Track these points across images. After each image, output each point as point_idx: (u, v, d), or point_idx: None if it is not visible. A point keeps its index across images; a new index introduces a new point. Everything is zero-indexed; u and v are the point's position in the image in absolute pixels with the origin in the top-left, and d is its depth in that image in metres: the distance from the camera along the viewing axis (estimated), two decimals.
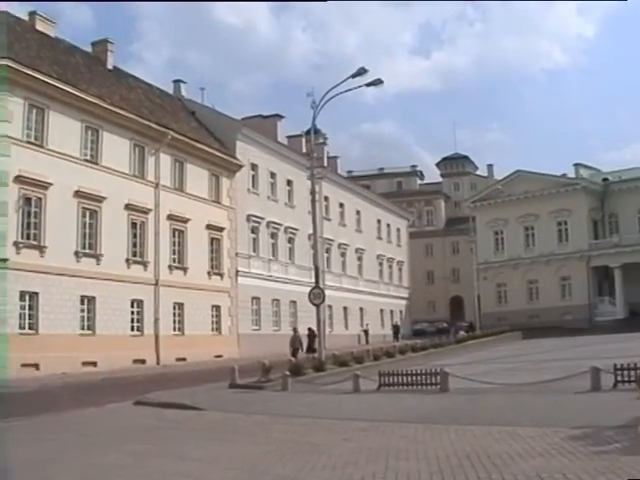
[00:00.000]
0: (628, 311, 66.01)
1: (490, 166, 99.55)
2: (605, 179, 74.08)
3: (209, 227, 46.29)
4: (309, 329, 36.60)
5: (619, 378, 17.09)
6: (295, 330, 35.73)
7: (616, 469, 8.31)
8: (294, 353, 32.19)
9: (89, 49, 44.53)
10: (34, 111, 33.35)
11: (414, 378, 20.04)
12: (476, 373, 22.01)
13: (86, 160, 36.53)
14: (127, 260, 38.82)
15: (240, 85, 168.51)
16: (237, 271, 48.79)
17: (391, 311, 74.16)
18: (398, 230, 79.87)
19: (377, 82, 29.22)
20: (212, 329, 45.88)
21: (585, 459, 9.10)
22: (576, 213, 70.26)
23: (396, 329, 69.09)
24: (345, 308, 63.81)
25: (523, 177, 73.50)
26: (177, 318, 42.35)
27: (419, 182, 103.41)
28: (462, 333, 54.72)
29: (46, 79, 33.79)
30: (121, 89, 43.01)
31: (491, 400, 16.41)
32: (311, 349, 33.81)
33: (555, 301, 69.16)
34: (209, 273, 46.13)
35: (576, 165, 75.65)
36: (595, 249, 69.35)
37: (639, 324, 56.36)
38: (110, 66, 44.63)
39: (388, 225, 77.01)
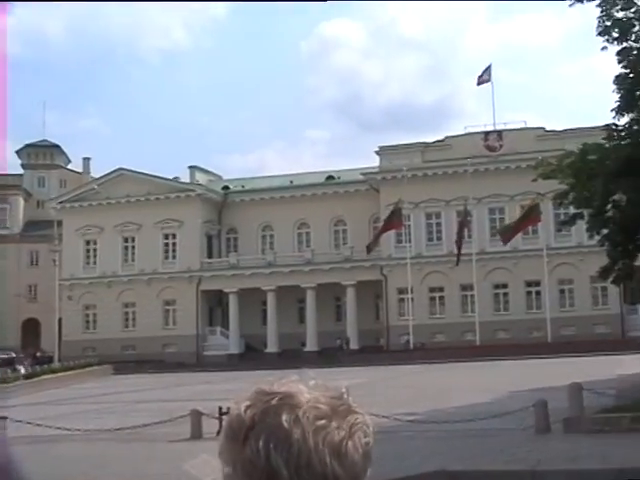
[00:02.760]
0: (244, 345, 69.28)
1: (87, 160, 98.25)
2: (226, 187, 77.19)
3: None
4: None
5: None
6: None
7: None
8: None
9: None
10: None
11: None
12: (48, 417, 21.26)
13: None
14: None
15: None
16: None
17: None
18: None
19: None
20: None
21: None
22: (188, 225, 71.76)
23: None
24: None
25: (126, 177, 73.43)
26: None
27: None
28: (20, 368, 52.58)
29: None
30: None
31: (63, 450, 15.79)
32: None
33: (156, 330, 69.82)
34: None
35: (192, 168, 77.54)
36: (208, 270, 71.57)
37: (255, 360, 59.40)
38: None
39: None
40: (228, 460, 1.26)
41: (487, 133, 66.48)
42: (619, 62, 24.79)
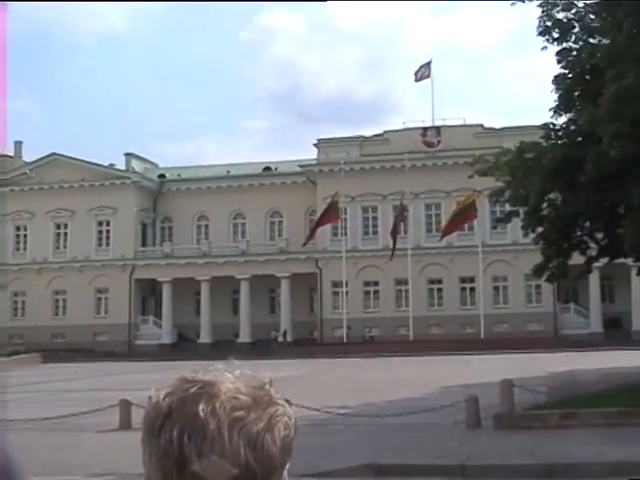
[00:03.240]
0: (176, 335, 69.03)
1: (19, 144, 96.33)
2: (162, 176, 76.44)
3: None
4: None
5: None
6: None
7: None
8: None
9: None
10: None
11: None
12: None
13: None
14: None
15: None
16: None
17: None
18: None
19: None
20: None
21: None
22: (122, 213, 71.04)
23: None
24: None
25: (60, 162, 72.33)
26: None
27: None
28: None
29: None
30: None
31: None
32: None
33: (88, 318, 69.05)
34: None
35: (128, 155, 76.44)
36: (142, 258, 71.02)
37: (187, 351, 59.52)
38: None
39: None
40: (145, 448, 1.23)
41: (425, 129, 66.73)
42: (558, 62, 24.99)
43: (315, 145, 69.31)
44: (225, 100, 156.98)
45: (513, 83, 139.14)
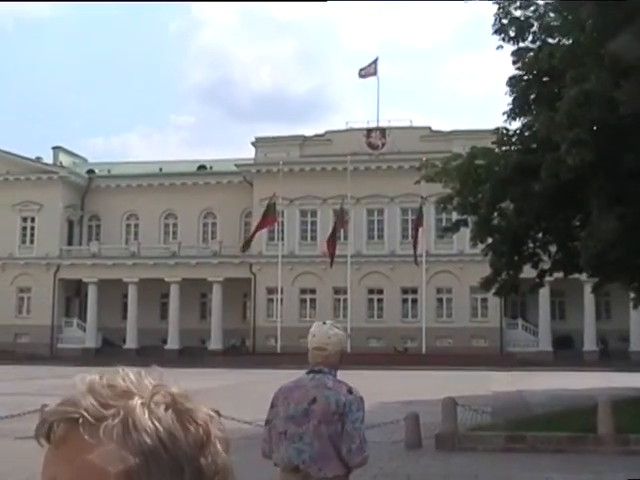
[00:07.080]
0: (101, 339, 67.81)
1: None
2: (91, 171, 75.07)
3: None
4: None
5: None
6: None
7: None
8: None
9: None
10: None
11: None
12: None
13: None
14: None
15: None
16: None
17: None
18: None
19: None
20: None
21: None
22: (48, 209, 69.44)
23: None
24: None
25: None
26: None
27: None
28: None
29: None
30: None
31: None
32: None
33: (9, 318, 66.84)
34: None
35: (55, 149, 75.17)
36: (67, 257, 69.61)
37: (112, 356, 58.05)
38: None
39: None
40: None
41: (370, 130, 65.73)
42: (514, 63, 24.37)
43: (253, 144, 68.21)
44: (152, 93, 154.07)
45: (463, 84, 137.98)
